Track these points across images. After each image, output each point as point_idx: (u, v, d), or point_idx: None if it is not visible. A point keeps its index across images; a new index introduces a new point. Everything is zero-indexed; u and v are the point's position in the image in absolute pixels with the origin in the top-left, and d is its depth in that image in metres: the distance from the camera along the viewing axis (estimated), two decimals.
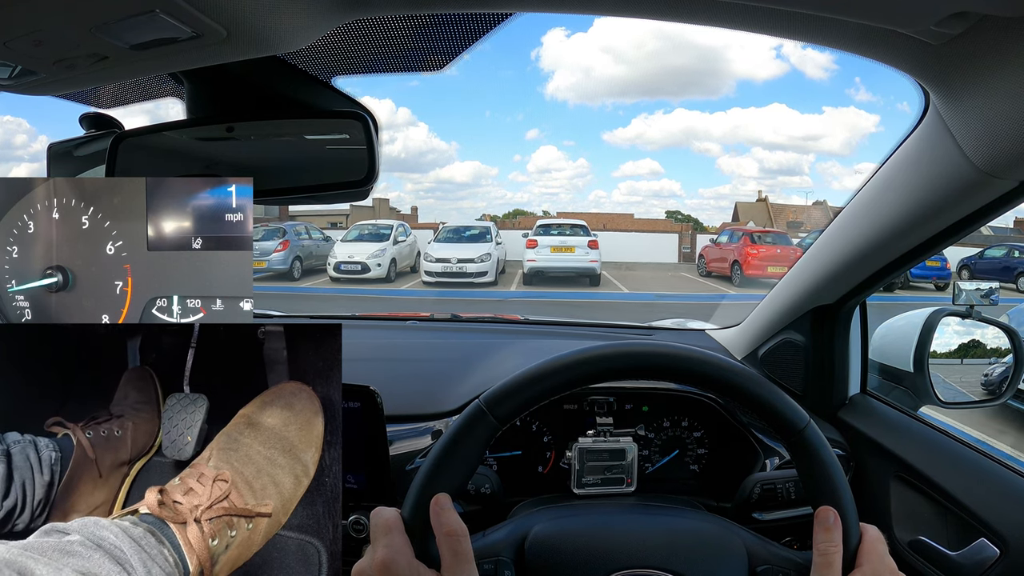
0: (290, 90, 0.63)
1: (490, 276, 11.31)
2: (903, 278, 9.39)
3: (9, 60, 0.47)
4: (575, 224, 12.94)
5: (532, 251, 11.79)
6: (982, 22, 0.43)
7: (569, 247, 11.77)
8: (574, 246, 11.77)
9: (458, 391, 0.93)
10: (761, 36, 0.50)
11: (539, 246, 11.83)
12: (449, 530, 0.43)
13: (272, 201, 0.65)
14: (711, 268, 13.98)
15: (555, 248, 11.76)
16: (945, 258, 11.30)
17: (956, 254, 12.73)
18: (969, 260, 12.83)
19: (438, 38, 0.60)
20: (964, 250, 13.07)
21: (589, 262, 11.74)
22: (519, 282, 11.85)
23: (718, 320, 1.33)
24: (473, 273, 11.10)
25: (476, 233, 12.48)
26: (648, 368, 0.51)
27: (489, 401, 0.49)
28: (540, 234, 12.37)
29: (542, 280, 11.59)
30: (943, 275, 10.65)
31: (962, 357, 0.97)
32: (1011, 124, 0.49)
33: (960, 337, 0.97)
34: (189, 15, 0.40)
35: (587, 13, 0.51)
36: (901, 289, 9.55)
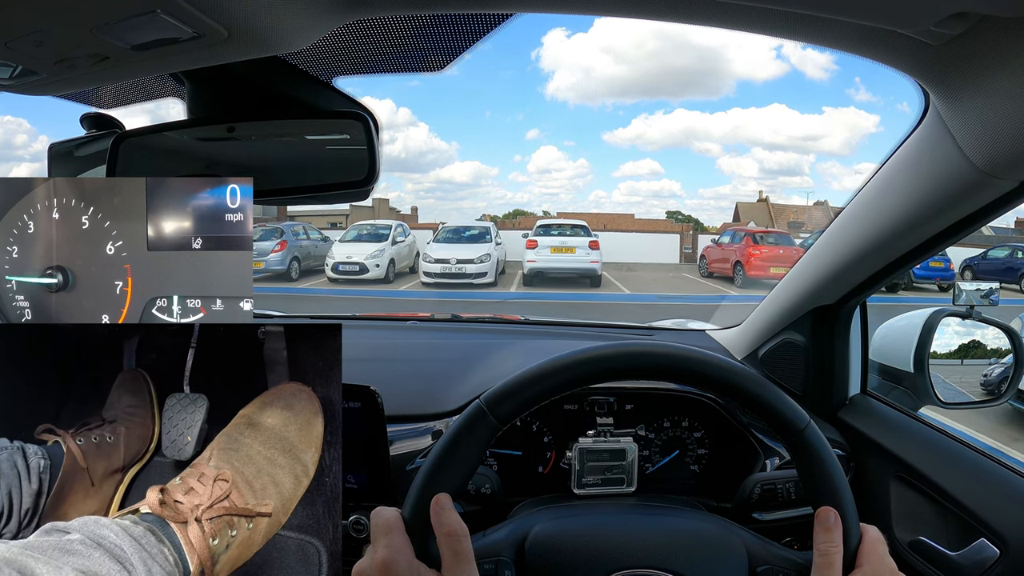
0: (291, 90, 0.63)
1: (490, 277, 11.22)
2: (906, 279, 9.30)
3: (10, 60, 0.47)
4: (576, 224, 12.81)
5: (532, 252, 11.65)
6: (982, 22, 0.43)
7: (570, 248, 11.64)
8: (575, 247, 11.64)
9: (458, 391, 0.93)
10: (762, 36, 0.51)
11: (539, 246, 11.69)
12: (449, 530, 0.43)
13: (272, 201, 0.65)
14: (713, 269, 13.88)
15: (555, 249, 11.62)
16: (949, 259, 11.17)
17: (959, 255, 12.61)
18: (972, 261, 12.71)
19: (439, 38, 0.60)
20: (966, 251, 12.94)
21: (590, 263, 11.60)
22: (519, 283, 11.73)
23: (718, 320, 1.33)
24: (472, 274, 10.98)
25: (476, 233, 12.35)
26: (648, 368, 0.51)
27: (489, 401, 0.49)
28: (540, 234, 12.24)
29: (542, 281, 11.47)
30: (947, 276, 10.52)
31: (962, 358, 0.97)
32: (1011, 124, 0.49)
33: (960, 338, 0.97)
34: (190, 15, 0.40)
35: (587, 13, 0.51)
36: (904, 290, 9.45)
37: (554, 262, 11.55)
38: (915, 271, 9.56)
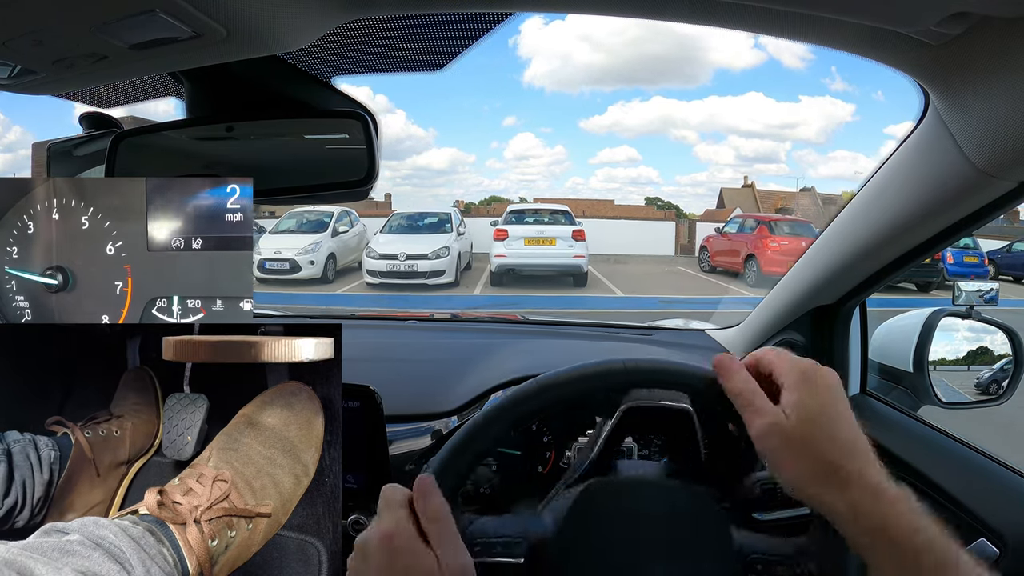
0: (290, 90, 0.63)
1: (448, 276, 8.99)
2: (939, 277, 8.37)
3: (9, 59, 0.47)
4: (555, 210, 10.54)
5: (501, 244, 9.15)
6: (982, 22, 0.43)
7: (548, 239, 9.23)
8: (554, 237, 9.23)
9: (458, 391, 0.93)
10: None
11: (510, 237, 9.20)
12: (433, 514, 0.43)
13: (272, 201, 0.65)
14: (717, 263, 11.61)
15: (530, 240, 9.21)
16: (983, 253, 9.88)
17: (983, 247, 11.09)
18: (995, 254, 11.25)
19: (438, 38, 0.60)
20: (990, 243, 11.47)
21: (574, 257, 9.19)
22: (485, 283, 9.50)
23: (718, 320, 1.33)
24: (426, 272, 8.74)
25: (434, 222, 9.98)
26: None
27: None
28: (512, 222, 9.82)
29: (515, 280, 9.26)
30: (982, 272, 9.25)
31: (958, 357, 0.97)
32: (1011, 124, 0.49)
33: (960, 337, 0.97)
34: (189, 14, 0.40)
35: (588, 13, 0.51)
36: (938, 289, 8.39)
37: (529, 257, 9.19)
38: (948, 267, 8.77)
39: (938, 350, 0.94)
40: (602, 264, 11.59)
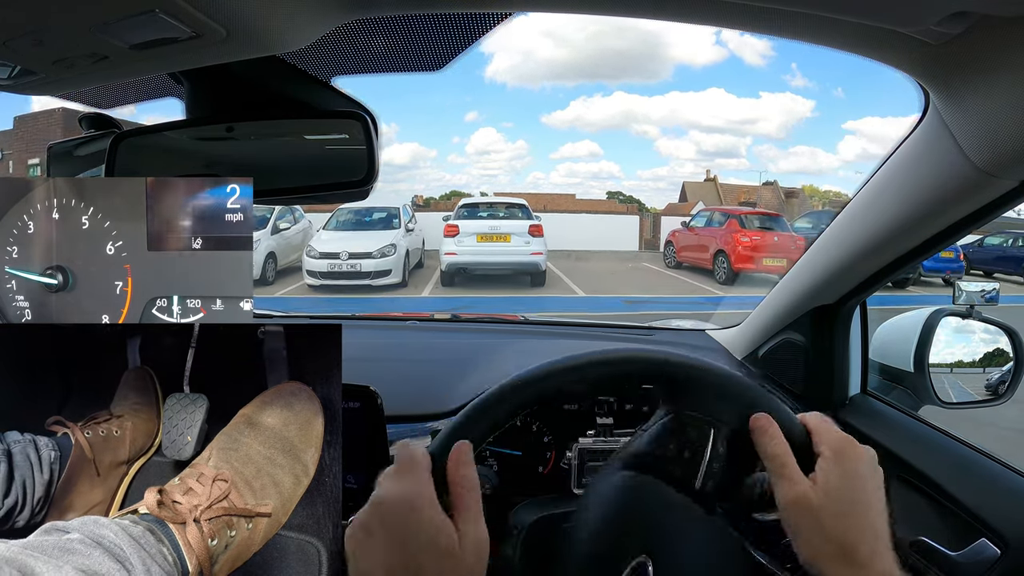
0: (290, 90, 0.63)
1: (395, 276, 8.38)
2: (916, 273, 8.28)
3: (8, 60, 0.47)
4: (511, 204, 9.99)
5: (452, 241, 8.53)
6: (982, 22, 0.43)
7: (503, 235, 8.57)
8: (509, 233, 8.57)
9: (458, 391, 0.93)
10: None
11: (461, 233, 8.57)
12: (470, 484, 0.42)
13: (272, 201, 0.66)
14: (683, 258, 11.17)
15: (483, 237, 8.54)
16: (959, 249, 9.47)
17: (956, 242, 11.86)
18: (967, 249, 11.06)
19: (438, 38, 0.60)
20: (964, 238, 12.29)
21: (531, 255, 8.55)
22: (436, 284, 8.93)
23: (718, 320, 1.33)
24: (371, 272, 8.14)
25: (382, 217, 9.33)
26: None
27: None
28: (464, 216, 9.17)
29: (467, 280, 8.66)
30: (958, 268, 8.95)
31: (960, 360, 0.97)
32: (1011, 124, 0.49)
33: (960, 336, 0.97)
34: (189, 15, 0.40)
35: (588, 13, 0.51)
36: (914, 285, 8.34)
37: (482, 255, 8.52)
38: (924, 264, 8.59)
39: (938, 350, 0.94)
40: (562, 260, 11.04)
